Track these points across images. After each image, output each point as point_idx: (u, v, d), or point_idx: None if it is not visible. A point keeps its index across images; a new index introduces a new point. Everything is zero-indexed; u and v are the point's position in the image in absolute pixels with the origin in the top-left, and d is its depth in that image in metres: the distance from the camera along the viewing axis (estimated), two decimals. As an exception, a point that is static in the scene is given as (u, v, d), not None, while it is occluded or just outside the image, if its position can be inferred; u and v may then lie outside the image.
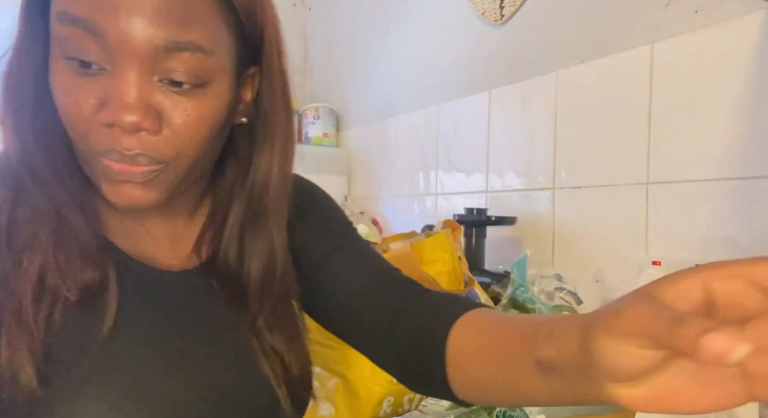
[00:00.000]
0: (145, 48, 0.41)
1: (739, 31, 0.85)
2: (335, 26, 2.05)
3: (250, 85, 0.51)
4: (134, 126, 0.42)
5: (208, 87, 0.45)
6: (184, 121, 0.44)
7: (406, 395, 0.72)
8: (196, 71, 0.43)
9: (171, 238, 0.54)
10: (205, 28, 0.43)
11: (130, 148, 0.43)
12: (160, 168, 0.44)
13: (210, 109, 0.45)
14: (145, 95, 0.42)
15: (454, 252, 0.75)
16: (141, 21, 0.41)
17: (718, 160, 0.88)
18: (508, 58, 1.28)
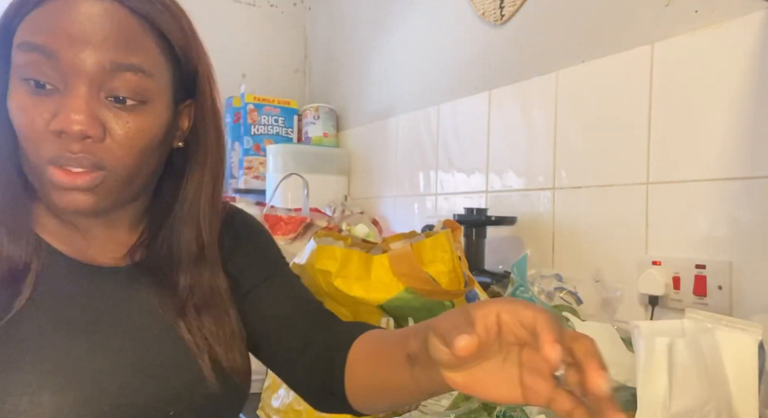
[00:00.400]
0: (93, 69, 0.49)
1: (739, 31, 0.85)
2: (335, 26, 2.05)
3: (186, 115, 0.59)
4: (81, 133, 0.49)
5: (147, 105, 0.53)
6: (125, 132, 0.51)
7: None
8: (137, 89, 0.51)
9: (109, 243, 0.60)
10: (145, 54, 0.52)
11: (75, 152, 0.49)
12: (100, 175, 0.51)
13: (148, 124, 0.53)
14: (92, 108, 0.50)
15: (454, 252, 0.75)
16: (91, 47, 0.49)
17: (718, 160, 0.88)
18: (508, 58, 1.28)
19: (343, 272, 0.71)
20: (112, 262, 0.59)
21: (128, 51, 0.51)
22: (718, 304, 0.86)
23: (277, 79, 2.16)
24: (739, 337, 0.56)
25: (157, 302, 0.58)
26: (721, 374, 0.55)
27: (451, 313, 0.41)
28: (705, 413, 0.53)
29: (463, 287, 0.74)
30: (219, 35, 2.02)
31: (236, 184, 1.96)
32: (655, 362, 0.52)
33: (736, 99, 0.86)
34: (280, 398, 0.77)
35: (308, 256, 0.76)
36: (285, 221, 1.17)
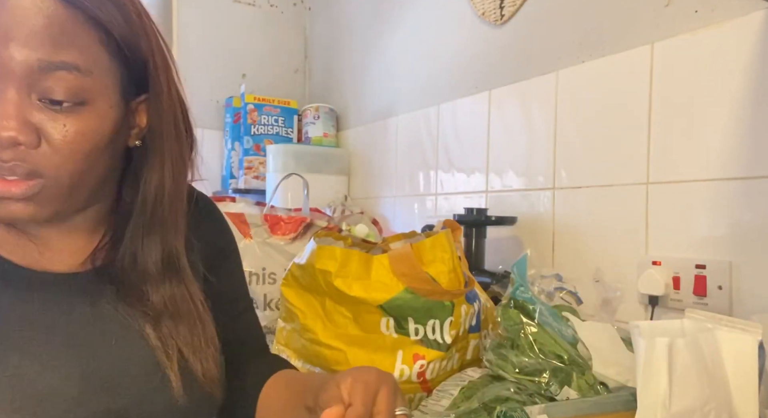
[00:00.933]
0: (20, 68, 0.44)
1: (739, 31, 0.85)
2: (335, 26, 2.05)
3: (143, 110, 0.55)
4: (11, 141, 0.44)
5: (88, 105, 0.48)
6: (63, 136, 0.46)
7: (405, 395, 0.72)
8: (73, 90, 0.46)
9: (66, 250, 0.56)
10: (80, 50, 0.47)
11: (7, 160, 0.45)
12: (38, 183, 0.47)
13: (90, 127, 0.48)
14: (22, 112, 0.45)
15: (454, 252, 0.74)
16: (15, 44, 0.44)
17: (718, 160, 0.88)
18: (508, 58, 1.28)
19: (343, 271, 0.71)
20: (70, 268, 0.55)
21: (58, 47, 0.45)
22: (718, 304, 0.86)
23: (277, 79, 2.16)
24: (739, 337, 0.56)
25: (120, 308, 0.55)
26: (721, 374, 0.55)
27: (328, 377, 0.51)
28: (705, 413, 0.53)
29: (463, 286, 0.74)
30: (219, 35, 2.03)
31: (236, 184, 1.96)
32: (655, 362, 0.52)
33: (736, 99, 0.86)
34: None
35: (308, 256, 0.76)
36: (285, 221, 1.17)
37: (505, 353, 0.69)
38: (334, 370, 0.74)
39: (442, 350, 0.72)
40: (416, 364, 0.71)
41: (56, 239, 0.55)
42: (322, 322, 0.76)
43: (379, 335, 0.72)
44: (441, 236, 0.74)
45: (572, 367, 0.66)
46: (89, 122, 0.48)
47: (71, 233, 0.56)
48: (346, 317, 0.73)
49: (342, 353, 0.73)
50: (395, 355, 0.71)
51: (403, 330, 0.71)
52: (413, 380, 0.71)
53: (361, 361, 0.72)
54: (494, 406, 0.59)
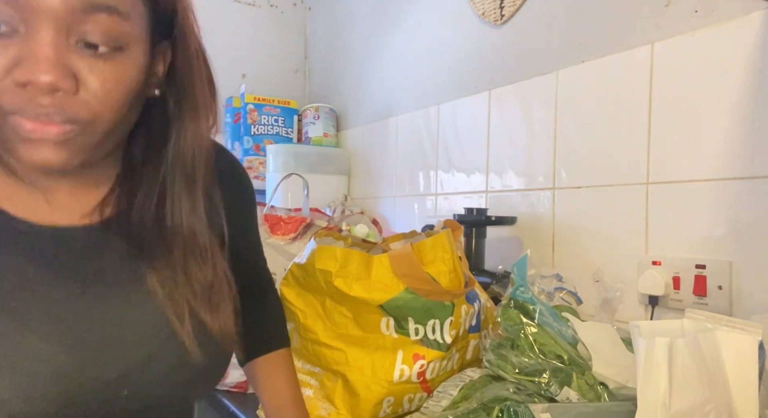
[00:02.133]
0: (61, 7, 0.42)
1: (739, 31, 0.85)
2: (335, 26, 2.05)
3: (161, 59, 0.52)
4: (50, 86, 0.42)
5: (125, 51, 0.46)
6: (101, 83, 0.45)
7: (406, 395, 0.72)
8: (112, 34, 0.44)
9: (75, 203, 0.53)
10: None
11: (45, 106, 0.43)
12: (74, 129, 0.45)
13: (127, 74, 0.46)
14: (61, 56, 0.43)
15: (454, 252, 0.74)
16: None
17: (718, 160, 0.88)
18: (508, 58, 1.28)
19: (343, 271, 0.71)
20: (77, 221, 0.52)
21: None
22: (718, 304, 0.86)
23: (277, 79, 2.16)
24: (739, 337, 0.56)
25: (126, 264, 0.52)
26: (721, 374, 0.55)
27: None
28: (705, 413, 0.53)
29: (463, 286, 0.74)
30: (219, 35, 2.02)
31: (236, 184, 1.95)
32: (655, 362, 0.52)
33: (736, 99, 0.86)
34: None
35: (308, 255, 0.76)
36: (285, 221, 1.17)
37: (505, 354, 0.69)
38: (334, 370, 0.74)
39: (442, 350, 0.72)
40: (416, 364, 0.71)
41: (65, 192, 0.53)
42: (322, 322, 0.76)
43: (380, 335, 0.72)
44: (441, 236, 0.74)
45: (572, 367, 0.66)
46: (126, 69, 0.46)
47: (80, 186, 0.54)
48: (346, 316, 0.73)
49: (342, 353, 0.73)
50: (395, 355, 0.71)
51: (403, 330, 0.71)
52: (413, 380, 0.71)
53: (361, 361, 0.72)
54: (494, 406, 0.59)
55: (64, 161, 0.46)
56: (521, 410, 0.55)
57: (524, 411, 0.54)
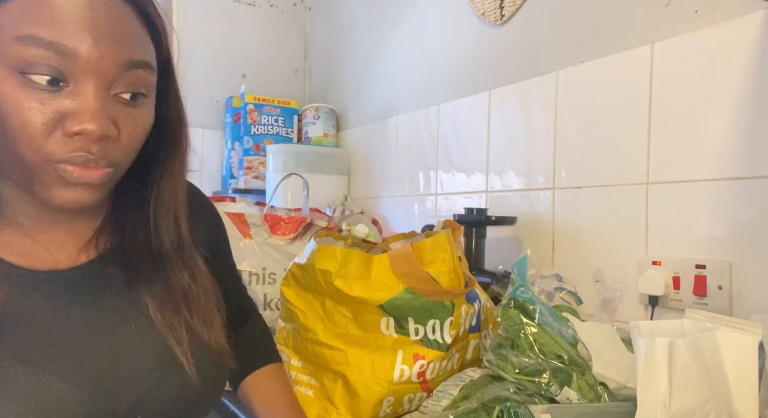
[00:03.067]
0: (110, 67, 0.47)
1: (739, 31, 0.85)
2: (335, 26, 2.05)
3: None
4: (100, 134, 0.47)
5: (147, 99, 0.52)
6: (134, 128, 0.51)
7: (405, 395, 0.72)
8: (143, 86, 0.51)
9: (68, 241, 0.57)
10: (149, 49, 0.51)
11: (94, 153, 0.48)
12: (111, 171, 0.50)
13: (148, 119, 0.53)
14: (107, 107, 0.48)
15: (454, 252, 0.74)
16: (106, 44, 0.47)
17: (718, 160, 0.88)
18: (508, 58, 1.28)
19: (343, 271, 0.71)
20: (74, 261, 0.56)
21: (139, 47, 0.50)
22: (718, 304, 0.86)
23: (277, 79, 2.16)
24: (739, 337, 0.56)
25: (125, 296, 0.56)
26: (721, 374, 0.55)
27: None
28: (705, 413, 0.53)
29: (463, 287, 0.74)
30: (219, 35, 2.03)
31: (236, 184, 1.96)
32: (655, 362, 0.52)
33: (736, 99, 0.86)
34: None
35: (308, 255, 0.76)
36: (285, 221, 1.17)
37: (505, 354, 0.69)
38: (334, 370, 0.74)
39: (442, 350, 0.72)
40: (416, 364, 0.71)
41: (60, 233, 0.56)
42: (322, 322, 0.76)
43: (380, 335, 0.72)
44: (441, 236, 0.74)
45: (572, 367, 0.66)
46: (148, 114, 0.53)
47: (76, 222, 0.57)
48: (346, 316, 0.73)
49: (342, 353, 0.73)
50: (395, 355, 0.71)
51: (403, 330, 0.71)
52: (413, 380, 0.71)
53: (361, 361, 0.72)
54: (494, 406, 0.59)
55: (96, 200, 0.51)
56: (521, 411, 0.55)
57: (524, 412, 0.54)
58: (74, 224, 0.57)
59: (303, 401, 0.75)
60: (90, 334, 0.53)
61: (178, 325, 0.57)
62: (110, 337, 0.54)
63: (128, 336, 0.55)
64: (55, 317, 0.52)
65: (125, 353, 0.54)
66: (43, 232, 0.55)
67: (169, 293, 0.58)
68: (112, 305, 0.55)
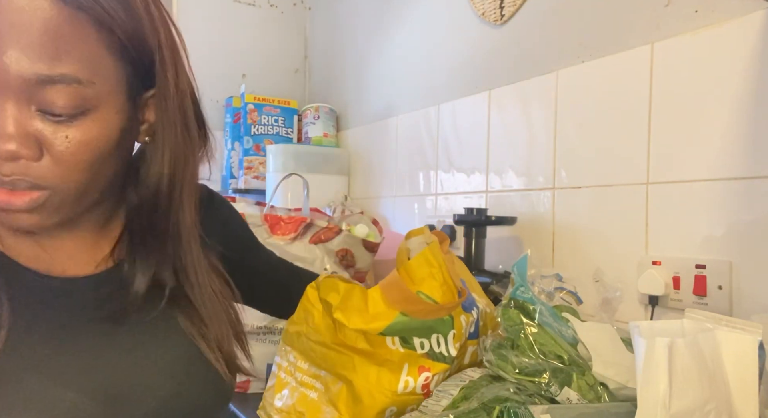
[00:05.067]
0: (17, 82, 0.42)
1: (739, 31, 0.85)
2: (335, 26, 2.05)
3: (152, 105, 0.52)
4: (11, 155, 0.42)
5: (90, 113, 0.45)
6: (65, 147, 0.44)
7: (408, 406, 0.73)
8: (73, 101, 0.44)
9: (80, 249, 0.55)
10: (81, 60, 0.43)
11: (8, 174, 0.43)
12: (42, 194, 0.45)
13: (94, 135, 0.46)
14: (22, 124, 0.43)
15: (442, 264, 0.74)
16: (12, 55, 0.41)
17: (718, 160, 0.88)
18: (508, 58, 1.28)
19: (343, 305, 0.73)
20: (88, 270, 0.55)
21: (57, 59, 0.42)
22: (718, 304, 0.86)
23: (277, 79, 2.16)
24: (739, 337, 0.56)
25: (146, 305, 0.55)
26: (721, 374, 0.55)
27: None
28: (705, 413, 0.53)
29: (456, 298, 0.74)
30: (219, 35, 2.03)
31: (236, 184, 1.96)
32: (655, 362, 0.52)
33: (736, 99, 0.86)
34: (284, 398, 0.77)
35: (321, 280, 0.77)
36: (285, 221, 1.17)
37: (505, 354, 0.69)
38: (340, 373, 0.74)
39: (448, 362, 0.72)
40: (421, 376, 0.71)
41: (69, 243, 0.54)
42: (331, 331, 0.76)
43: (387, 350, 0.72)
44: (426, 252, 0.74)
45: (572, 367, 0.66)
46: (93, 131, 0.46)
47: (83, 234, 0.55)
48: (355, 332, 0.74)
49: (350, 357, 0.73)
50: (401, 367, 0.72)
51: (408, 345, 0.72)
52: (417, 391, 0.72)
53: (368, 368, 0.72)
54: (494, 406, 0.59)
55: (36, 223, 0.46)
56: (521, 411, 0.55)
57: (524, 412, 0.54)
58: (80, 237, 0.55)
59: (306, 404, 0.75)
60: (104, 343, 0.52)
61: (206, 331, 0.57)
62: (127, 347, 0.53)
63: (147, 346, 0.54)
64: (69, 326, 0.51)
65: (142, 363, 0.53)
66: (59, 241, 0.54)
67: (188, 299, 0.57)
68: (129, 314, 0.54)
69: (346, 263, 1.18)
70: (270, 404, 0.78)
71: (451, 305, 0.72)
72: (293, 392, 0.77)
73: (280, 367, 0.79)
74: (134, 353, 0.53)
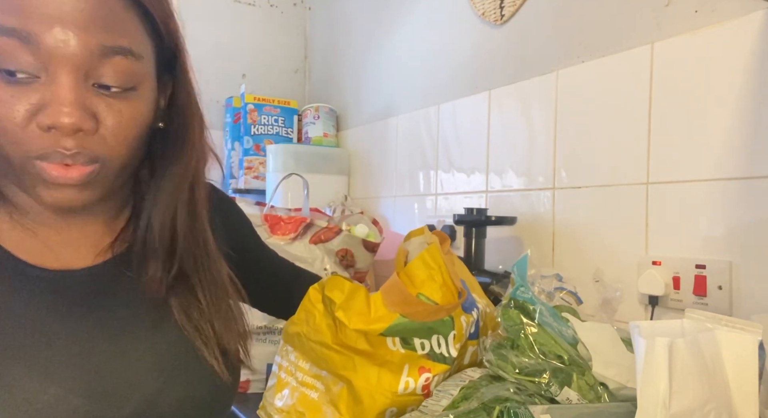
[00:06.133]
0: (81, 54, 0.44)
1: (739, 31, 0.85)
2: (335, 26, 2.05)
3: (163, 92, 0.55)
4: (74, 127, 0.44)
5: (137, 90, 0.48)
6: (118, 121, 0.47)
7: (408, 406, 0.73)
8: (127, 75, 0.47)
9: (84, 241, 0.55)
10: (132, 34, 0.47)
11: (69, 148, 0.45)
12: (96, 168, 0.47)
13: (140, 111, 0.49)
14: (81, 98, 0.45)
15: (442, 265, 0.74)
16: (75, 29, 0.43)
17: (718, 160, 0.88)
18: (508, 58, 1.28)
19: (346, 304, 0.73)
20: (87, 262, 0.55)
21: (116, 32, 0.45)
22: (718, 304, 0.86)
23: (277, 79, 2.16)
24: (739, 337, 0.56)
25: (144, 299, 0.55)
26: (721, 374, 0.55)
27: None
28: (705, 413, 0.53)
29: (456, 298, 0.74)
30: (219, 35, 2.03)
31: (236, 184, 1.96)
32: (655, 362, 0.52)
33: (736, 99, 0.86)
34: (284, 398, 0.77)
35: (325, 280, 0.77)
36: (285, 221, 1.17)
37: (505, 354, 0.69)
38: (340, 374, 0.74)
39: (449, 363, 0.72)
40: (422, 377, 0.71)
41: (75, 233, 0.55)
42: (332, 331, 0.76)
43: (387, 351, 0.72)
44: (424, 255, 0.74)
45: (572, 367, 0.66)
46: (139, 106, 0.49)
47: (92, 224, 0.56)
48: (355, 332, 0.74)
49: (350, 358, 0.73)
50: (402, 368, 0.72)
51: (409, 345, 0.72)
52: (417, 392, 0.72)
53: (368, 369, 0.72)
54: (494, 406, 0.59)
55: (85, 200, 0.48)
56: (521, 411, 0.55)
57: (524, 412, 0.54)
58: (89, 226, 0.56)
59: (307, 404, 0.75)
60: (94, 337, 0.51)
61: (205, 326, 0.57)
62: (117, 341, 0.52)
63: (138, 339, 0.54)
64: (58, 318, 0.50)
65: (132, 357, 0.53)
66: (57, 233, 0.54)
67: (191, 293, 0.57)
68: (123, 307, 0.54)
69: (346, 263, 1.18)
70: (270, 404, 0.78)
71: (451, 305, 0.72)
72: (293, 392, 0.77)
73: (280, 367, 0.79)
74: (122, 348, 0.52)
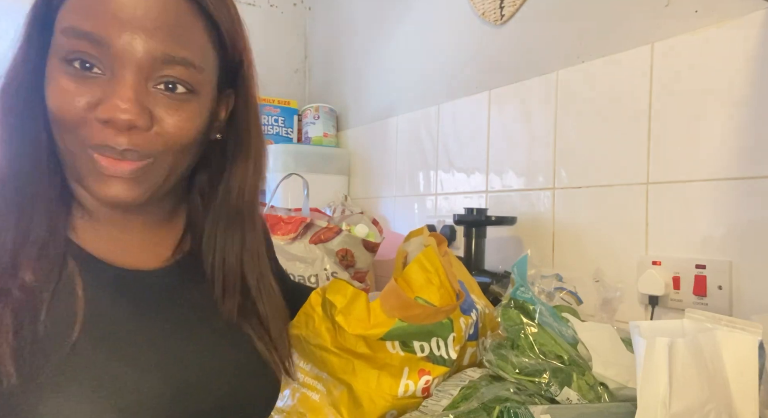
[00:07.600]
0: (145, 58, 0.47)
1: (739, 31, 0.85)
2: (335, 26, 2.05)
3: (225, 104, 0.58)
4: (128, 124, 0.47)
5: (195, 95, 0.51)
6: (174, 120, 0.49)
7: (408, 409, 0.73)
8: (187, 81, 0.49)
9: (147, 242, 0.59)
10: (197, 48, 0.50)
11: (121, 144, 0.47)
12: (146, 164, 0.49)
13: (196, 115, 0.51)
14: (139, 97, 0.47)
15: (439, 267, 0.74)
16: (143, 35, 0.47)
17: (718, 160, 0.88)
18: (507, 58, 1.28)
19: (346, 309, 0.73)
20: (153, 264, 0.58)
21: (180, 43, 0.48)
22: (718, 304, 0.86)
23: (277, 79, 2.16)
24: (739, 337, 0.56)
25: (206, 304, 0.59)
26: (721, 374, 0.55)
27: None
28: (705, 413, 0.53)
29: (454, 300, 0.74)
30: (219, 35, 2.02)
31: (236, 184, 1.96)
32: (655, 362, 0.52)
33: (736, 99, 0.86)
34: (285, 398, 0.77)
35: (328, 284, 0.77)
36: (285, 221, 1.17)
37: (505, 354, 0.69)
38: (340, 378, 0.74)
39: (448, 365, 0.72)
40: (421, 379, 0.71)
41: (137, 237, 0.57)
42: (331, 334, 0.76)
43: (387, 354, 0.72)
44: (421, 258, 0.74)
45: (572, 367, 0.66)
46: (195, 110, 0.51)
47: (147, 225, 0.58)
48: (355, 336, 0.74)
49: (349, 362, 0.73)
50: (402, 371, 0.72)
51: (408, 348, 0.72)
52: (417, 394, 0.72)
53: (368, 373, 0.72)
54: (494, 406, 0.59)
55: (134, 196, 0.50)
56: (521, 411, 0.55)
57: (524, 412, 0.54)
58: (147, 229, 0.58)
59: (308, 405, 0.75)
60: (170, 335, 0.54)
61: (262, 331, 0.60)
62: (192, 341, 0.55)
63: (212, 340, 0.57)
64: (140, 316, 0.53)
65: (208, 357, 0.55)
66: (122, 232, 0.56)
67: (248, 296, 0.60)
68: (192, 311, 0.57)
69: (346, 263, 1.18)
70: (270, 405, 0.78)
71: (449, 307, 0.72)
72: (294, 392, 0.77)
73: (280, 367, 0.79)
74: (201, 346, 0.55)
